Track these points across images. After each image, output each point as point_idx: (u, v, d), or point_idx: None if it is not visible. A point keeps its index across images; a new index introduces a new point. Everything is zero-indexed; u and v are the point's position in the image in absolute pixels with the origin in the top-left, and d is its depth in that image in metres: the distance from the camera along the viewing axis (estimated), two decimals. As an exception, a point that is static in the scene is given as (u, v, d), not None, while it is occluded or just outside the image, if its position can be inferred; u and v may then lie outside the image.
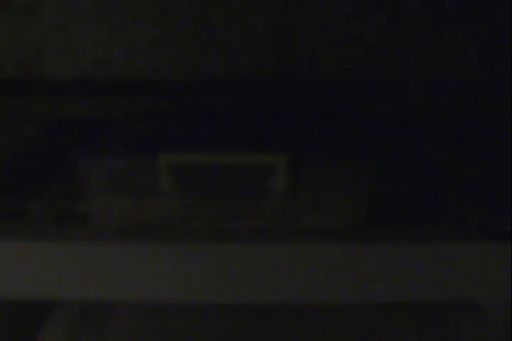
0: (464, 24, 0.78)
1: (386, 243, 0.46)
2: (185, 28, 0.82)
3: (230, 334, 0.46)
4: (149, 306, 0.49)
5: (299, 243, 0.45)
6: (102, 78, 0.85)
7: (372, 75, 0.79)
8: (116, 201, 0.46)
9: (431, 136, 0.71)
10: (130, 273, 0.46)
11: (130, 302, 0.48)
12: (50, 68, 0.84)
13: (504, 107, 0.74)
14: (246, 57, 0.81)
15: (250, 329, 0.47)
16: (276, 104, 0.75)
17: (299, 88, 0.79)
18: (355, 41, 0.80)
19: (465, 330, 0.48)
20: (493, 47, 0.78)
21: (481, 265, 0.46)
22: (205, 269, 0.45)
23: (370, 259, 0.45)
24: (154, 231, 0.46)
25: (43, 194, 0.58)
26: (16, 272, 0.46)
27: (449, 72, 0.80)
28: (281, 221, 0.46)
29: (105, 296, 0.46)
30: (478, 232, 0.48)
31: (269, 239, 0.46)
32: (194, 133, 0.53)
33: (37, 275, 0.46)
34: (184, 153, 0.43)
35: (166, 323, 0.47)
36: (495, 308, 0.48)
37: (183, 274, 0.45)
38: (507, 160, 0.62)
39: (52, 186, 0.59)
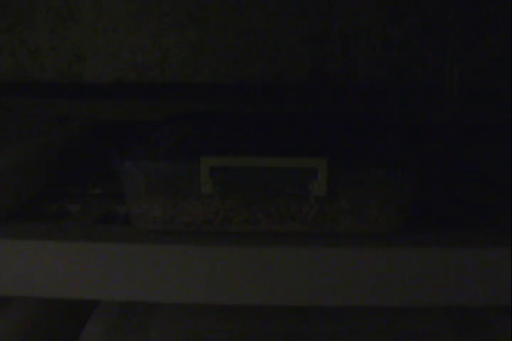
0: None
1: (423, 248, 0.46)
2: (221, 33, 0.83)
3: (270, 334, 0.47)
4: (188, 307, 0.50)
5: (340, 246, 0.46)
6: (138, 81, 0.86)
7: (408, 80, 0.80)
8: (157, 203, 0.47)
9: (472, 141, 0.71)
10: (172, 274, 0.46)
11: (171, 303, 0.49)
12: (89, 71, 0.86)
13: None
14: (283, 61, 0.81)
15: (291, 330, 0.47)
16: (314, 109, 0.76)
17: (335, 93, 0.79)
18: (390, 46, 0.80)
19: (499, 334, 0.48)
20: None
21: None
22: (245, 271, 0.45)
23: (408, 264, 0.45)
24: (195, 233, 0.47)
25: (84, 196, 0.59)
26: (60, 271, 0.47)
27: (486, 77, 0.79)
28: (321, 224, 0.46)
29: (147, 297, 0.47)
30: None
31: (309, 242, 0.46)
32: (233, 137, 0.54)
33: (79, 275, 0.47)
34: (225, 156, 0.44)
35: (205, 323, 0.47)
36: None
37: (223, 276, 0.46)
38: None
39: (92, 188, 0.60)
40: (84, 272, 0.47)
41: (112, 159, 0.49)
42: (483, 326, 0.49)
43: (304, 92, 0.81)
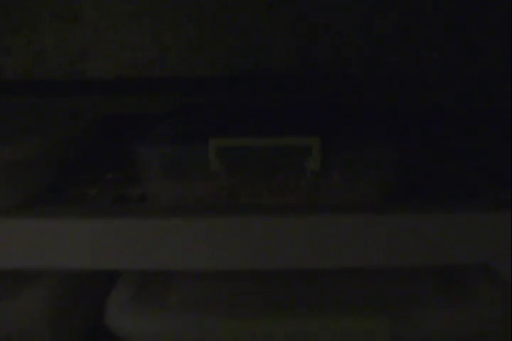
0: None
1: (410, 214, 0.52)
2: (216, 30, 0.89)
3: (275, 295, 0.53)
4: (202, 274, 0.56)
5: (332, 215, 0.52)
6: (139, 77, 0.92)
7: (393, 70, 0.86)
8: (171, 182, 0.53)
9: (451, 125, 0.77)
10: (185, 244, 0.52)
11: (186, 271, 0.55)
12: (92, 68, 0.92)
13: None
14: (275, 54, 0.88)
15: (293, 292, 0.54)
16: (305, 98, 0.82)
17: (324, 82, 0.86)
18: (374, 39, 0.86)
19: (480, 290, 0.54)
20: None
21: (493, 233, 0.52)
22: (250, 240, 0.52)
23: (395, 228, 0.52)
24: (205, 207, 0.53)
25: (100, 180, 0.65)
26: (86, 246, 0.53)
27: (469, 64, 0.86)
28: (316, 196, 0.52)
29: (163, 265, 0.53)
30: (491, 205, 0.54)
31: (307, 212, 0.52)
32: (234, 124, 0.60)
33: (103, 248, 0.53)
34: (230, 137, 0.50)
35: (219, 287, 0.53)
36: (505, 271, 0.55)
37: (232, 244, 0.52)
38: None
39: (106, 173, 0.67)
40: (107, 245, 0.53)
41: (128, 145, 0.55)
42: (468, 285, 0.55)
43: (294, 83, 0.88)
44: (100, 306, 0.53)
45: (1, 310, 0.52)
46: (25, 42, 0.91)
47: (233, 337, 0.46)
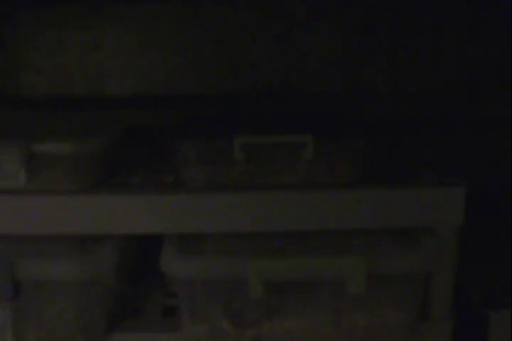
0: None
1: (373, 189, 0.74)
2: (212, 55, 1.10)
3: (287, 246, 0.74)
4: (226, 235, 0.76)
5: (318, 190, 0.73)
6: (149, 94, 1.12)
7: (357, 85, 1.09)
8: (203, 168, 0.74)
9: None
10: (214, 212, 0.73)
11: (215, 233, 0.75)
12: (111, 87, 1.12)
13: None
14: (260, 75, 1.09)
15: (298, 242, 0.75)
16: (288, 110, 1.04)
17: (302, 98, 1.08)
18: (342, 59, 1.09)
19: (423, 242, 0.75)
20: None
21: (436, 203, 0.74)
22: (263, 208, 0.73)
23: (365, 200, 0.73)
24: (229, 187, 0.74)
25: (137, 172, 0.85)
26: (140, 215, 0.73)
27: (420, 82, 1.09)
28: (309, 178, 0.74)
29: (199, 229, 0.73)
30: (435, 183, 0.76)
31: (302, 188, 0.74)
32: (243, 127, 0.81)
33: (153, 217, 0.73)
34: (251, 135, 0.71)
35: (243, 242, 0.74)
36: (445, 233, 0.76)
37: (249, 213, 0.73)
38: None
39: (141, 166, 0.87)
40: (156, 215, 0.73)
41: (170, 141, 0.76)
42: (416, 240, 0.76)
43: (277, 98, 1.09)
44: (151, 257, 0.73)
45: (79, 264, 0.71)
46: (53, 65, 1.10)
47: (259, 273, 0.67)
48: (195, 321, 0.71)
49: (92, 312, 0.73)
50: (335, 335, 0.71)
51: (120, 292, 0.79)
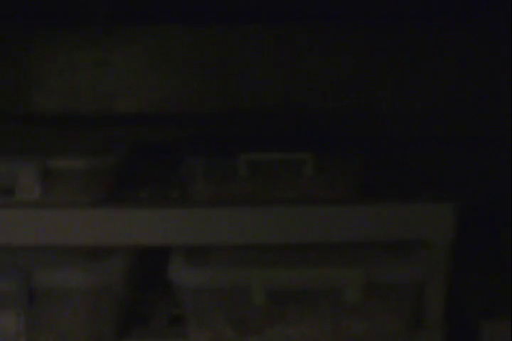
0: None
1: (371, 205, 0.78)
2: (215, 76, 1.15)
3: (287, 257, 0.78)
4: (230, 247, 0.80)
5: (318, 205, 0.78)
6: (155, 112, 1.17)
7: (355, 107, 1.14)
8: (209, 184, 0.78)
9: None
10: (218, 226, 0.77)
11: (220, 245, 0.79)
12: (118, 105, 1.16)
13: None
14: (263, 95, 1.14)
15: (296, 253, 0.79)
16: (289, 129, 1.09)
17: (302, 118, 1.13)
18: (339, 82, 1.14)
19: (419, 260, 0.79)
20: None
21: (429, 217, 0.79)
22: (265, 222, 0.77)
23: (362, 214, 0.78)
24: (234, 201, 0.78)
25: (146, 186, 0.89)
26: (148, 228, 0.77)
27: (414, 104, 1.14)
28: (309, 193, 0.78)
29: (204, 241, 0.78)
30: (429, 199, 0.81)
31: (302, 203, 0.78)
32: (246, 145, 0.85)
33: (161, 230, 0.77)
34: (256, 152, 0.76)
35: (245, 254, 0.78)
36: (438, 245, 0.80)
37: (253, 226, 0.77)
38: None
39: (149, 181, 0.91)
40: (164, 227, 0.77)
41: (176, 158, 0.80)
42: (410, 252, 0.80)
43: (278, 117, 1.14)
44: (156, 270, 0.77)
45: (91, 273, 0.75)
46: (64, 84, 1.15)
47: (261, 282, 0.71)
48: (200, 328, 0.75)
49: (102, 320, 0.77)
50: (333, 342, 0.76)
51: (129, 300, 0.83)
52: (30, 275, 0.72)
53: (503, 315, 0.86)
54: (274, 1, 1.08)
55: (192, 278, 0.73)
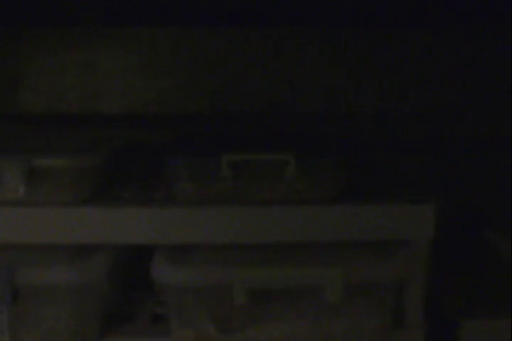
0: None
1: (351, 205, 0.79)
2: (202, 78, 1.16)
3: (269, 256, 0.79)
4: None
5: (300, 205, 0.79)
6: (141, 113, 1.18)
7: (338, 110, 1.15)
8: (193, 184, 0.79)
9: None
10: (201, 225, 0.78)
11: (203, 244, 0.80)
12: (104, 106, 1.17)
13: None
14: (249, 97, 1.15)
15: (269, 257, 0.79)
16: (274, 130, 1.10)
17: (287, 119, 1.14)
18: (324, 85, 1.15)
19: (399, 259, 0.80)
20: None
21: (409, 218, 0.80)
22: (248, 221, 0.78)
23: (343, 215, 0.79)
24: (216, 201, 0.79)
25: (129, 188, 0.90)
26: (133, 227, 0.78)
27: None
28: (291, 193, 0.79)
29: (188, 240, 0.79)
30: (408, 201, 0.82)
31: (284, 204, 0.79)
32: (229, 145, 0.86)
33: (146, 229, 0.78)
34: (238, 153, 0.76)
35: (228, 254, 0.79)
36: (418, 245, 0.82)
37: (237, 226, 0.78)
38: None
39: (134, 181, 0.92)
40: (148, 226, 0.78)
41: (159, 159, 0.81)
42: (393, 251, 0.81)
43: (264, 119, 1.15)
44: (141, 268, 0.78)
45: (75, 271, 0.76)
46: (51, 84, 1.16)
47: (243, 281, 0.72)
48: (183, 326, 0.76)
49: (85, 318, 0.78)
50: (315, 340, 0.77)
51: (113, 299, 0.84)
52: (13, 273, 0.73)
53: (483, 315, 0.87)
54: (262, 4, 1.09)
55: (174, 276, 0.74)
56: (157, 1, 1.10)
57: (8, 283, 0.73)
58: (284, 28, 1.14)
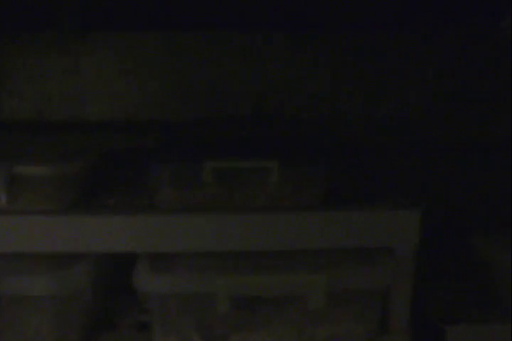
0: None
1: (335, 212, 0.79)
2: (188, 84, 1.15)
3: (252, 263, 0.78)
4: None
5: (283, 212, 0.78)
6: (126, 119, 1.17)
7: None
8: (175, 191, 0.78)
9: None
10: (184, 233, 0.78)
11: (185, 252, 0.80)
12: (90, 112, 1.16)
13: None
14: (234, 103, 1.15)
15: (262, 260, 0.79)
16: (258, 134, 1.10)
17: (270, 124, 1.13)
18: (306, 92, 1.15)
19: (383, 266, 0.80)
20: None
21: (393, 224, 0.80)
22: (233, 228, 0.78)
23: (327, 221, 0.79)
24: (200, 209, 0.79)
25: (113, 194, 0.90)
26: (115, 235, 0.78)
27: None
28: (275, 200, 0.79)
29: (172, 248, 0.78)
30: (393, 206, 0.81)
31: (268, 211, 0.79)
32: (214, 151, 0.86)
33: (128, 236, 0.78)
34: (220, 160, 0.76)
35: (210, 261, 0.79)
36: (402, 252, 0.81)
37: (221, 233, 0.78)
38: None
39: (117, 188, 0.91)
40: (130, 234, 0.77)
41: (141, 165, 0.81)
42: (375, 258, 0.81)
43: (248, 124, 1.15)
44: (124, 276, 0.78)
45: (57, 280, 0.75)
46: (35, 90, 1.15)
47: (226, 289, 0.72)
48: (166, 334, 0.75)
49: (68, 327, 0.77)
50: (298, 348, 0.76)
51: (96, 307, 0.83)
52: (-5, 282, 0.72)
53: (468, 320, 0.86)
54: (250, 8, 1.08)
55: (157, 284, 0.73)
56: (142, 5, 1.09)
57: (-11, 292, 0.72)
58: (269, 31, 1.13)
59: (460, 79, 1.13)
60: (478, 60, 1.12)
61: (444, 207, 1.08)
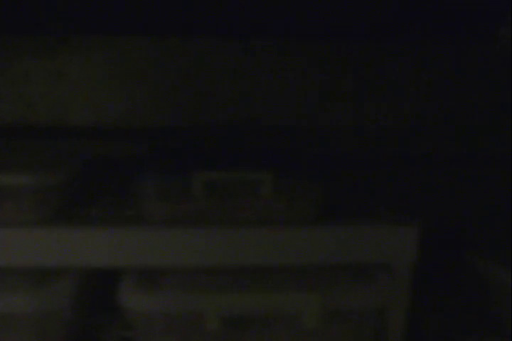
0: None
1: (330, 227, 0.76)
2: (176, 90, 1.12)
3: (242, 280, 0.75)
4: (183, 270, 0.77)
5: (276, 227, 0.75)
6: (112, 125, 1.13)
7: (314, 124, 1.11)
8: (163, 203, 0.75)
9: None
10: (171, 248, 0.74)
11: (173, 268, 0.76)
12: (74, 117, 1.13)
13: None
14: (225, 111, 1.11)
15: (252, 277, 0.76)
16: (248, 144, 1.06)
17: (263, 133, 1.10)
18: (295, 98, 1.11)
19: (380, 284, 0.77)
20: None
21: (390, 241, 0.76)
22: (223, 243, 0.74)
23: (322, 237, 0.75)
24: (188, 222, 0.75)
25: (98, 204, 0.86)
26: (99, 249, 0.74)
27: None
28: (267, 214, 0.75)
29: (158, 263, 0.74)
30: (390, 222, 0.78)
31: (260, 226, 0.75)
32: (203, 161, 0.82)
33: (111, 251, 0.74)
34: (210, 171, 0.72)
35: (199, 277, 0.75)
36: (399, 269, 0.78)
37: (210, 248, 0.74)
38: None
39: (102, 199, 0.88)
40: (114, 248, 0.74)
41: (128, 177, 0.77)
42: (373, 276, 0.78)
43: (240, 133, 1.11)
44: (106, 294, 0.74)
45: (37, 297, 0.71)
46: (17, 94, 1.11)
47: (215, 307, 0.68)
48: (151, 354, 0.72)
49: (49, 345, 0.73)
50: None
51: (78, 323, 0.79)
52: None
53: (464, 337, 0.84)
54: (236, 15, 1.05)
55: (142, 303, 0.69)
56: (129, 10, 1.06)
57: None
58: (258, 40, 1.10)
59: (457, 90, 1.10)
60: (475, 70, 1.09)
61: (441, 222, 1.05)
